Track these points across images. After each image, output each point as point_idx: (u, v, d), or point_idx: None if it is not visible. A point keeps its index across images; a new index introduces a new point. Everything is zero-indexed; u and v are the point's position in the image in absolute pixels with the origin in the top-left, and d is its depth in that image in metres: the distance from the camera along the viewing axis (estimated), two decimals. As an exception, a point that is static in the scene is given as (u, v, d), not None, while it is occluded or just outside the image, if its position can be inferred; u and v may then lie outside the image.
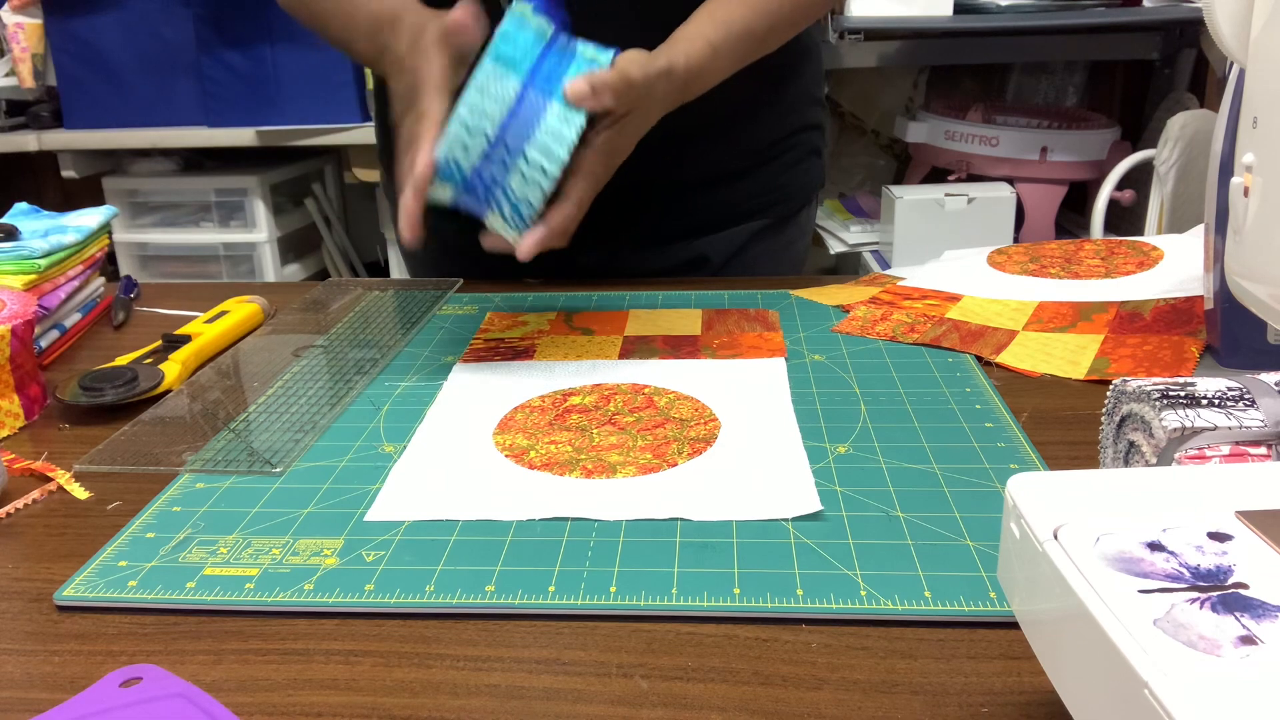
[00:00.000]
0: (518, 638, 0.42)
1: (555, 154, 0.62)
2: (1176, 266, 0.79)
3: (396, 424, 0.61)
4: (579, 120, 0.63)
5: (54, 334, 0.77)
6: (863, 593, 0.43)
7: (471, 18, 0.68)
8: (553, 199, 0.66)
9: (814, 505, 0.49)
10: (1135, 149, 1.74)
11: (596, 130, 0.68)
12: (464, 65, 0.68)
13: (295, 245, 2.37)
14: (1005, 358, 0.68)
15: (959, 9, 1.72)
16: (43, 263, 0.75)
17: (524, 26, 0.64)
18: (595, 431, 0.59)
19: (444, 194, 0.65)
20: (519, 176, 0.63)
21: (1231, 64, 0.58)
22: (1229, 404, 0.43)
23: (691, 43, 0.74)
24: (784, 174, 0.96)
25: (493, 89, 0.62)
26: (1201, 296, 0.68)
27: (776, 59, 0.84)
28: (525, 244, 0.66)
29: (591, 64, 0.65)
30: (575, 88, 0.63)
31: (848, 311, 0.78)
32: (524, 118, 0.62)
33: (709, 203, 0.93)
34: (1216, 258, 0.62)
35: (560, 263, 0.95)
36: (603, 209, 0.93)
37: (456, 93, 0.65)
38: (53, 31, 2.09)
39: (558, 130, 0.62)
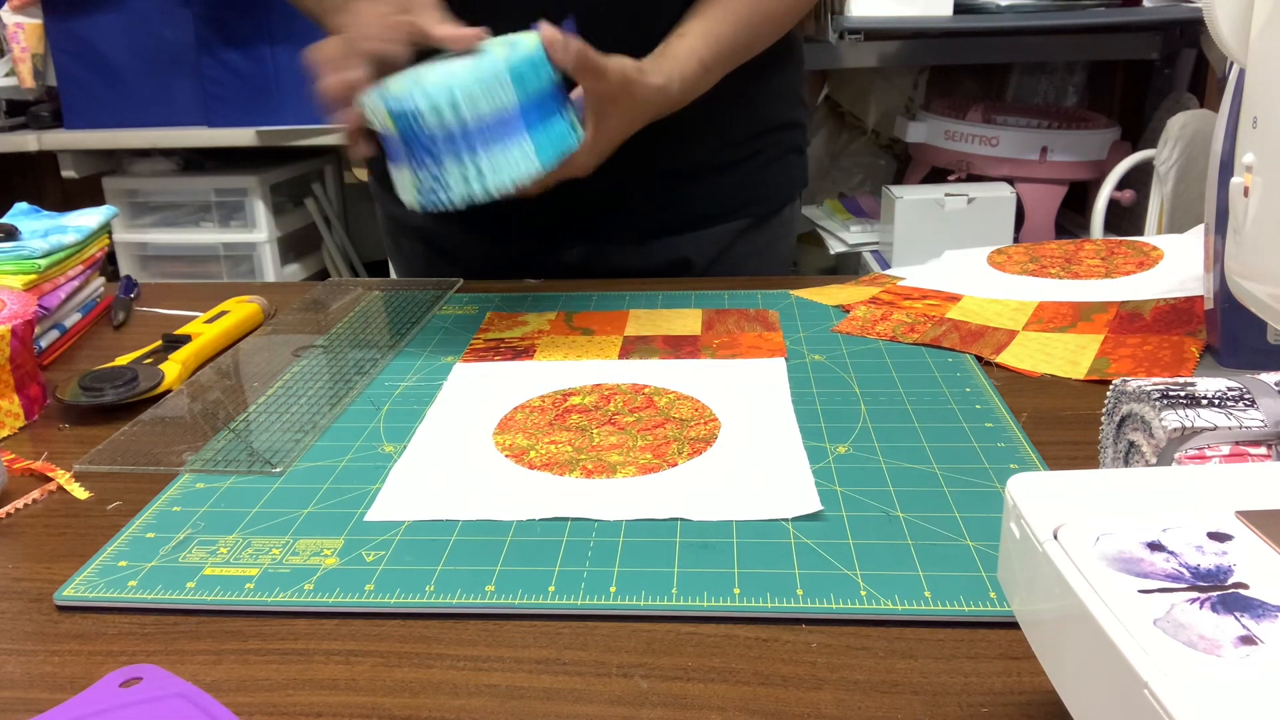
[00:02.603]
0: (518, 638, 0.42)
1: (502, 179, 0.66)
2: (1176, 266, 0.79)
3: (396, 424, 0.61)
4: (536, 166, 0.66)
5: (54, 334, 0.77)
6: (863, 593, 0.43)
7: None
8: None
9: (814, 505, 0.49)
10: (1135, 149, 1.74)
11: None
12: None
13: (295, 245, 2.36)
14: (1005, 358, 0.68)
15: (959, 9, 1.72)
16: (43, 263, 0.75)
17: (545, 66, 0.67)
18: (595, 431, 0.59)
19: (377, 116, 0.66)
20: (459, 173, 0.65)
21: (1231, 64, 0.58)
22: (1229, 404, 0.43)
23: (686, 62, 0.77)
24: (764, 171, 0.96)
25: (495, 92, 0.64)
26: (1201, 296, 0.68)
27: (760, 53, 0.84)
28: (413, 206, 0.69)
29: (570, 130, 0.69)
30: (549, 31, 0.66)
31: (848, 311, 0.78)
32: (499, 133, 0.65)
33: (690, 197, 0.93)
34: (1216, 258, 0.62)
35: (544, 258, 0.96)
36: (583, 201, 0.93)
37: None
38: (53, 31, 2.09)
39: (516, 163, 0.65)
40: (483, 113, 0.64)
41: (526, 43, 0.67)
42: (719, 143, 0.93)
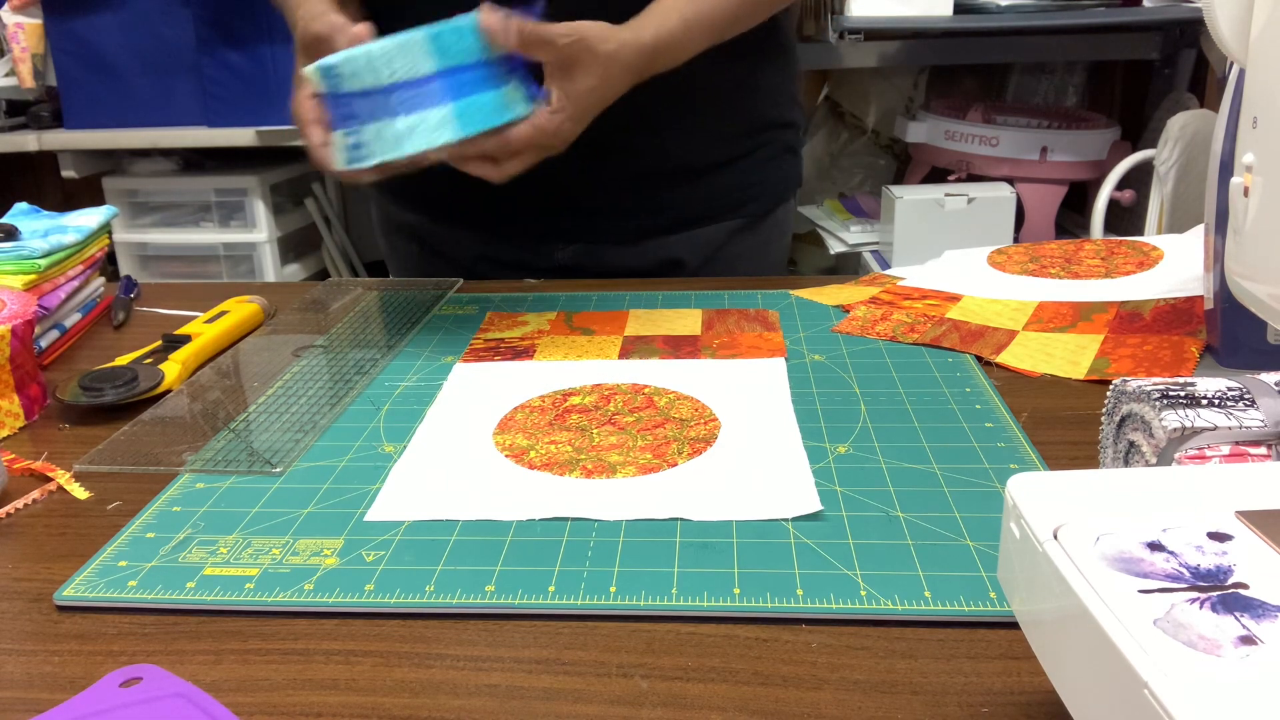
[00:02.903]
0: (518, 638, 0.42)
1: (418, 143, 0.66)
2: (1176, 266, 0.79)
3: (396, 424, 0.61)
4: (456, 134, 0.66)
5: (54, 334, 0.77)
6: (863, 593, 0.43)
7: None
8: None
9: (814, 505, 0.49)
10: (1135, 149, 1.74)
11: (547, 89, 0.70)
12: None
13: (295, 245, 2.36)
14: (1005, 358, 0.68)
15: (959, 9, 1.72)
16: (43, 263, 0.75)
17: (474, 34, 0.66)
18: (595, 431, 0.59)
19: (314, 78, 0.68)
20: (376, 132, 0.66)
21: (1231, 64, 0.58)
22: (1229, 404, 0.43)
23: (664, 17, 0.75)
24: (758, 170, 0.96)
25: (411, 54, 0.64)
26: (1201, 296, 0.68)
27: (748, 46, 0.84)
28: (348, 171, 0.69)
29: (511, 103, 0.68)
30: (487, 16, 0.65)
31: (848, 311, 0.78)
32: (416, 98, 0.65)
33: (683, 197, 0.93)
34: (1216, 258, 0.62)
35: (537, 257, 0.96)
36: (577, 200, 0.93)
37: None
38: (53, 31, 2.09)
39: (433, 129, 0.65)
40: (397, 73, 0.65)
41: (462, 16, 0.67)
42: (712, 142, 0.93)
